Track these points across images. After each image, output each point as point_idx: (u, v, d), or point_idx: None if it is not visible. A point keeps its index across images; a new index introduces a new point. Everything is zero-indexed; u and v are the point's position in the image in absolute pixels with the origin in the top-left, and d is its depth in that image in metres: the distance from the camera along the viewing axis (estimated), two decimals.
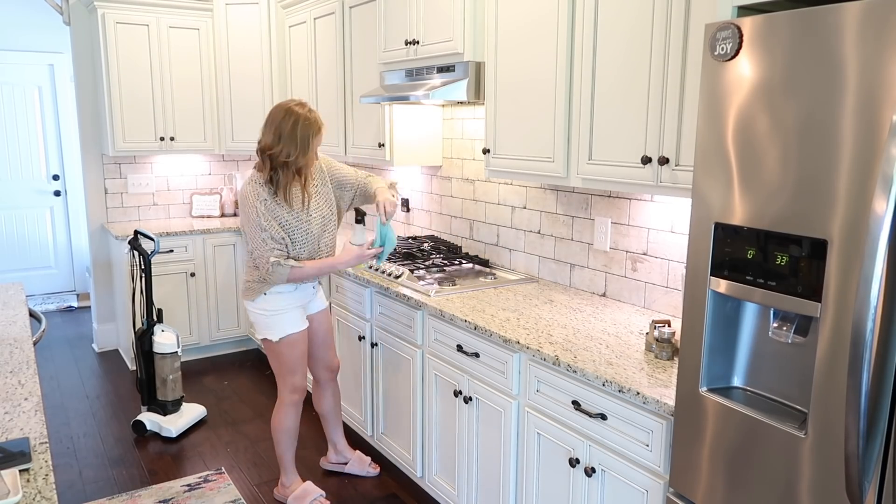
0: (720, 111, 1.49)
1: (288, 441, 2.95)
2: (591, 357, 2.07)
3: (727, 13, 1.49)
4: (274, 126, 2.54)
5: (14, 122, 6.08)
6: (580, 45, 2.33)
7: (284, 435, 2.93)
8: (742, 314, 1.56)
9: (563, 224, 2.98)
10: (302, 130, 2.54)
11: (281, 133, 2.53)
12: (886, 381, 1.23)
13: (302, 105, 2.60)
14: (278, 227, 2.61)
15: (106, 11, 4.39)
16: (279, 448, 2.96)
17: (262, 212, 2.57)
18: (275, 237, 2.59)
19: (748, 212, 1.45)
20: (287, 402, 2.88)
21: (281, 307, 2.74)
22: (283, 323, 2.75)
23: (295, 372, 2.84)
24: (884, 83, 1.19)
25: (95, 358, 4.89)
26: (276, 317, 2.74)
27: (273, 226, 2.59)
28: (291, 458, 2.99)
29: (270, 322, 2.75)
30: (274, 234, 2.59)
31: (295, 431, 2.95)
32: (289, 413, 2.90)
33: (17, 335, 2.28)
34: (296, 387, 2.87)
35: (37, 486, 1.35)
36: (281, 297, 2.73)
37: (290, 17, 4.54)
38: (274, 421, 2.94)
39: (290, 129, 2.52)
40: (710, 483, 1.59)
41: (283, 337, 2.76)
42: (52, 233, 6.40)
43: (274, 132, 2.54)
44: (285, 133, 2.52)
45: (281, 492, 3.02)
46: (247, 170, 5.33)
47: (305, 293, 2.83)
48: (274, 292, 2.72)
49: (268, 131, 2.56)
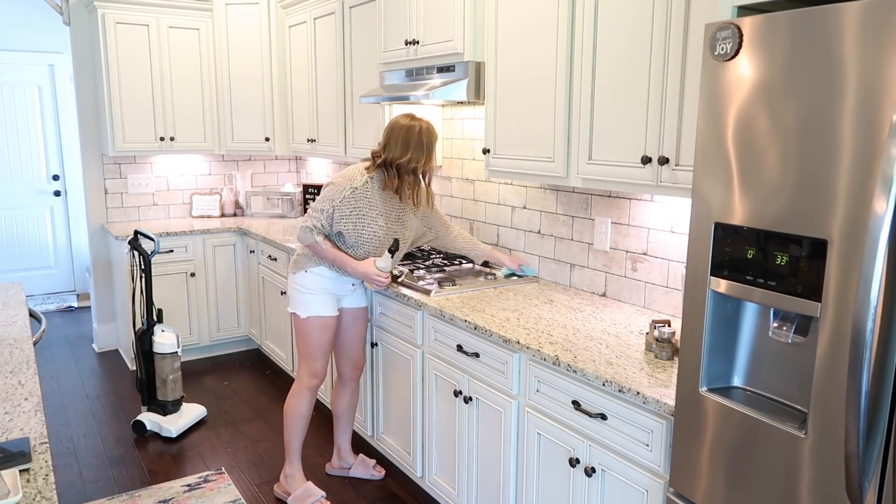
0: (720, 111, 1.49)
1: (299, 427, 2.97)
2: (591, 357, 2.07)
3: (727, 13, 1.49)
4: (401, 139, 2.74)
5: (14, 122, 6.08)
6: (580, 45, 2.33)
7: (296, 419, 2.96)
8: (742, 314, 1.56)
9: (563, 224, 2.98)
10: (426, 139, 2.77)
11: (408, 144, 2.74)
12: (886, 381, 1.23)
13: (415, 117, 2.80)
14: (341, 217, 2.74)
15: (106, 11, 4.39)
16: (288, 433, 2.98)
17: (346, 196, 2.74)
18: (329, 217, 2.75)
19: (748, 212, 1.45)
20: (305, 386, 2.93)
21: (315, 288, 2.85)
22: (313, 303, 2.86)
23: (317, 357, 2.91)
24: (884, 83, 1.19)
25: (95, 358, 4.89)
26: (308, 295, 2.86)
27: (342, 212, 2.73)
28: (299, 446, 3.00)
29: (303, 298, 2.87)
30: (333, 215, 2.75)
31: (306, 418, 2.98)
32: (304, 397, 2.94)
33: (17, 335, 2.28)
34: (315, 372, 2.92)
35: (37, 486, 1.35)
36: (319, 279, 2.84)
37: (290, 17, 4.54)
38: (288, 404, 2.97)
39: (417, 140, 2.74)
40: (710, 483, 1.59)
41: (310, 316, 2.86)
42: (52, 233, 6.40)
43: (401, 145, 2.74)
44: (412, 144, 2.74)
45: (282, 484, 3.03)
46: (247, 170, 5.33)
47: (342, 286, 2.90)
48: (314, 272, 2.84)
49: (394, 145, 2.75)
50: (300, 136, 4.62)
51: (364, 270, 2.76)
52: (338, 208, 2.74)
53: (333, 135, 4.16)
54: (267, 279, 4.42)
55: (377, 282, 2.79)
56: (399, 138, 2.75)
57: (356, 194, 2.74)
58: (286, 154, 5.04)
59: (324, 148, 4.32)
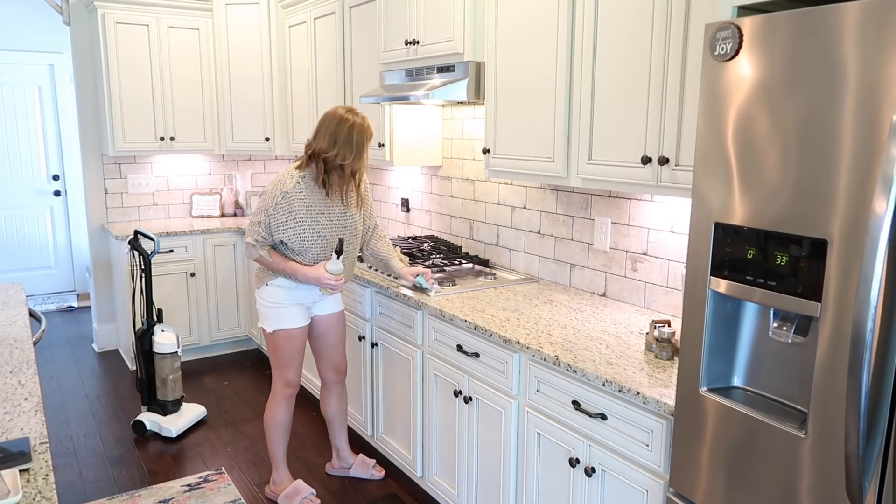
0: (720, 111, 1.49)
1: (279, 436, 2.97)
2: (591, 357, 2.07)
3: (727, 13, 1.49)
4: (329, 132, 2.65)
5: (14, 122, 6.08)
6: (580, 45, 2.33)
7: (276, 429, 2.96)
8: (742, 314, 1.56)
9: (563, 224, 2.98)
10: (357, 136, 2.66)
11: (336, 138, 2.63)
12: (886, 381, 1.23)
13: (353, 112, 2.70)
14: (279, 226, 2.67)
15: (106, 11, 4.39)
16: (270, 442, 2.99)
17: (278, 202, 2.66)
18: (267, 228, 2.69)
19: (748, 212, 1.45)
20: (279, 395, 2.92)
21: (280, 301, 2.80)
22: (279, 316, 2.81)
23: (289, 367, 2.88)
24: (884, 83, 1.19)
25: (95, 358, 4.89)
26: (274, 309, 2.81)
27: (277, 220, 2.66)
28: (282, 453, 3.00)
29: (268, 313, 2.83)
30: (270, 225, 2.68)
31: (286, 427, 2.97)
32: (280, 406, 2.93)
33: (17, 335, 2.28)
34: (289, 381, 2.90)
35: (37, 486, 1.35)
36: (280, 290, 2.79)
37: (290, 17, 4.54)
38: (266, 414, 2.97)
39: (346, 135, 2.64)
40: (710, 483, 1.59)
41: (277, 329, 2.82)
42: (52, 233, 6.40)
43: (329, 137, 2.64)
44: (341, 138, 2.63)
45: (272, 489, 3.03)
46: (247, 170, 5.33)
47: (308, 294, 2.84)
48: (274, 285, 2.79)
49: (322, 136, 2.66)
50: (300, 135, 4.62)
51: (315, 275, 2.69)
52: (273, 217, 2.65)
53: None
54: None
55: (330, 286, 2.72)
56: (328, 130, 2.64)
57: (288, 198, 2.64)
58: (286, 154, 5.04)
59: None
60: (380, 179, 4.39)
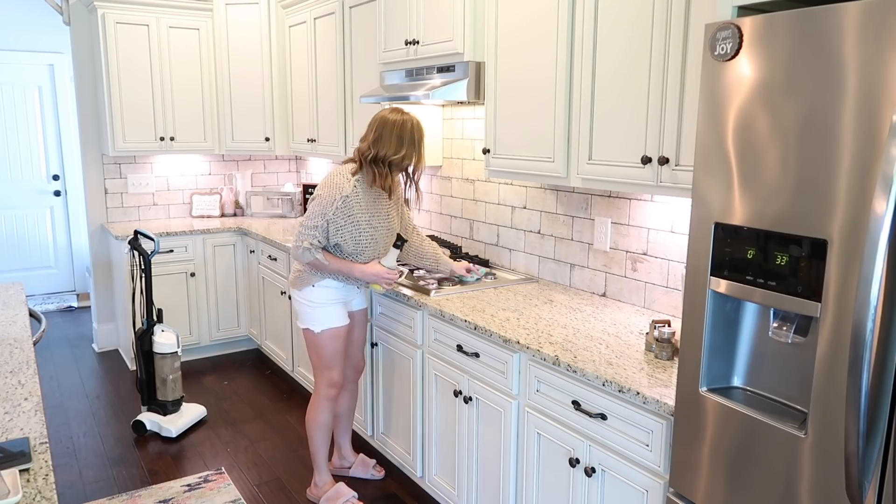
0: (720, 111, 1.49)
1: (322, 437, 2.95)
2: (591, 357, 2.07)
3: (727, 13, 1.49)
4: (394, 135, 2.66)
5: (14, 122, 6.08)
6: (580, 45, 2.33)
7: (319, 430, 2.94)
8: (742, 314, 1.56)
9: (563, 224, 2.98)
10: (418, 135, 2.71)
11: (402, 141, 2.67)
12: (886, 381, 1.23)
13: (404, 112, 2.72)
14: (337, 230, 2.66)
15: (106, 11, 4.39)
16: (313, 444, 2.96)
17: (338, 206, 2.63)
18: (324, 231, 2.67)
19: (748, 212, 1.45)
20: (324, 397, 2.90)
21: (326, 300, 2.80)
22: (326, 315, 2.81)
23: (333, 367, 2.87)
24: (884, 83, 1.19)
25: (95, 358, 4.89)
26: (321, 309, 2.80)
27: (336, 224, 2.65)
28: (325, 455, 2.99)
29: (315, 314, 2.81)
30: (328, 229, 2.66)
31: (329, 427, 2.97)
32: (325, 408, 2.91)
33: (17, 335, 2.28)
34: (333, 381, 2.89)
35: (37, 486, 1.35)
36: (328, 291, 2.79)
37: (290, 17, 4.54)
38: (309, 416, 2.95)
39: (410, 137, 2.68)
40: (710, 483, 1.59)
41: (325, 329, 2.81)
42: (52, 233, 6.40)
43: (395, 141, 2.66)
44: (406, 140, 2.67)
45: (314, 492, 3.02)
46: (247, 170, 5.33)
47: (351, 290, 2.87)
48: (322, 286, 2.78)
49: (387, 141, 2.66)
50: (300, 135, 4.62)
51: (373, 272, 2.70)
52: (332, 221, 2.65)
53: (333, 135, 4.16)
54: (267, 279, 4.42)
55: (388, 279, 2.72)
56: (393, 134, 2.66)
57: (348, 203, 2.64)
58: (286, 154, 5.05)
59: (324, 148, 4.31)
60: None
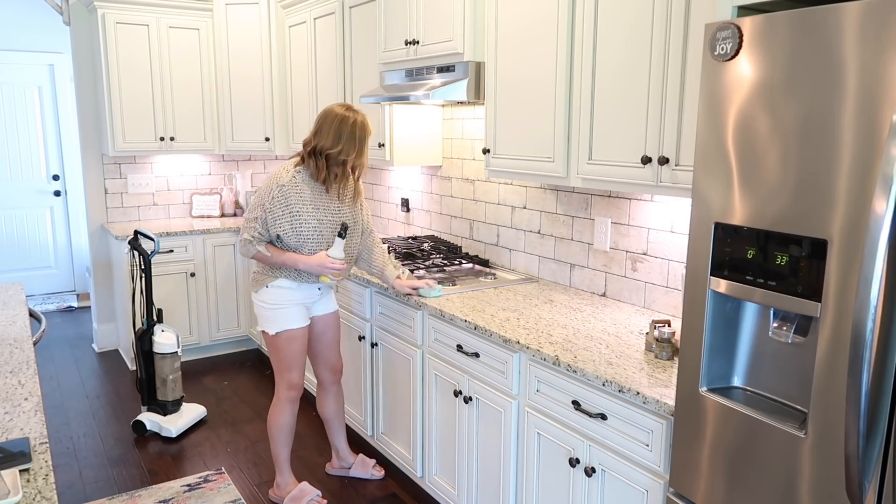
0: (720, 111, 1.49)
1: (283, 439, 2.95)
2: (591, 357, 2.07)
3: (727, 13, 1.49)
4: (332, 129, 2.69)
5: (14, 122, 6.08)
6: (580, 45, 2.33)
7: (280, 432, 2.94)
8: (742, 314, 1.56)
9: (563, 224, 2.98)
10: (360, 132, 2.72)
11: (340, 135, 2.68)
12: (886, 381, 1.23)
13: (352, 109, 2.74)
14: (275, 220, 2.68)
15: (106, 11, 4.39)
16: (275, 446, 2.97)
17: (275, 195, 2.67)
18: (263, 223, 2.70)
19: (748, 212, 1.45)
20: (283, 399, 2.91)
21: (281, 302, 2.79)
22: (281, 317, 2.80)
23: (292, 369, 2.87)
24: (884, 83, 1.19)
25: (95, 358, 4.89)
26: (275, 311, 2.80)
27: (273, 214, 2.67)
28: (287, 456, 2.99)
29: (270, 315, 2.81)
30: (266, 220, 2.69)
31: (290, 429, 2.96)
32: (284, 409, 2.92)
33: (17, 335, 2.28)
34: (292, 384, 2.89)
35: (37, 486, 1.35)
36: (282, 291, 2.78)
37: (290, 17, 4.54)
38: (270, 418, 2.96)
39: (349, 132, 2.69)
40: (710, 483, 1.59)
41: (280, 331, 2.81)
42: (52, 233, 6.40)
43: (332, 134, 2.68)
44: (344, 135, 2.68)
45: (276, 493, 3.02)
46: (247, 170, 5.33)
47: (308, 293, 2.85)
48: (275, 286, 2.77)
49: (325, 133, 2.69)
50: (300, 135, 4.61)
51: (317, 262, 2.69)
52: (269, 211, 2.67)
53: None
54: None
55: (334, 269, 2.70)
56: (332, 128, 2.68)
57: (284, 192, 2.66)
58: (286, 154, 5.03)
59: None
60: (380, 179, 4.39)
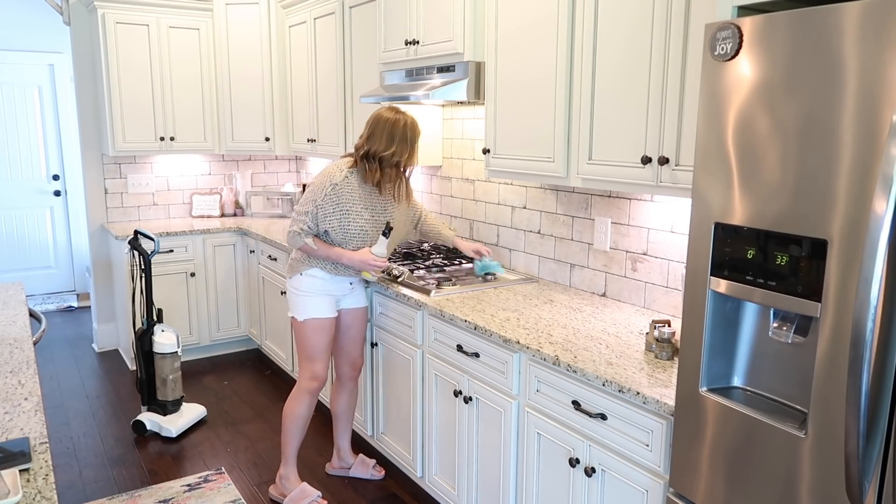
0: (720, 111, 1.49)
1: (297, 429, 2.96)
2: (591, 357, 2.07)
3: (727, 13, 1.49)
4: (386, 132, 2.74)
5: (14, 122, 6.08)
6: (580, 46, 2.33)
7: (295, 422, 2.95)
8: (742, 314, 1.56)
9: (563, 224, 2.98)
10: (411, 134, 2.78)
11: (393, 137, 2.74)
12: (886, 381, 1.23)
13: (401, 111, 2.80)
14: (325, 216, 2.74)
15: (106, 11, 4.39)
16: (286, 435, 2.97)
17: (327, 193, 2.73)
18: (314, 217, 2.75)
19: (748, 212, 1.45)
20: (304, 388, 2.93)
21: (312, 290, 2.85)
22: (310, 305, 2.86)
23: (315, 359, 2.90)
24: (884, 83, 1.19)
25: (95, 358, 4.89)
26: (305, 298, 2.86)
27: (324, 210, 2.74)
28: (295, 448, 2.99)
29: (300, 301, 2.87)
30: (318, 215, 2.75)
31: (306, 421, 2.97)
32: (303, 400, 2.93)
33: (17, 335, 2.28)
34: (315, 374, 2.91)
35: (37, 486, 1.35)
36: (314, 280, 2.84)
37: (290, 17, 4.54)
38: (287, 406, 2.96)
39: (402, 134, 2.75)
40: (710, 483, 1.59)
41: (308, 318, 2.86)
42: (52, 233, 6.40)
43: (386, 137, 2.74)
44: (397, 137, 2.74)
45: (277, 488, 3.02)
46: (247, 170, 5.33)
47: (339, 286, 2.90)
48: (308, 275, 2.84)
49: (378, 137, 2.75)
50: (300, 135, 4.62)
51: (360, 258, 2.77)
52: (321, 207, 2.74)
53: (333, 135, 4.16)
54: (267, 279, 4.42)
55: (375, 266, 2.79)
56: (384, 131, 2.74)
57: (337, 190, 2.73)
58: (286, 154, 5.04)
59: (324, 148, 4.31)
60: None
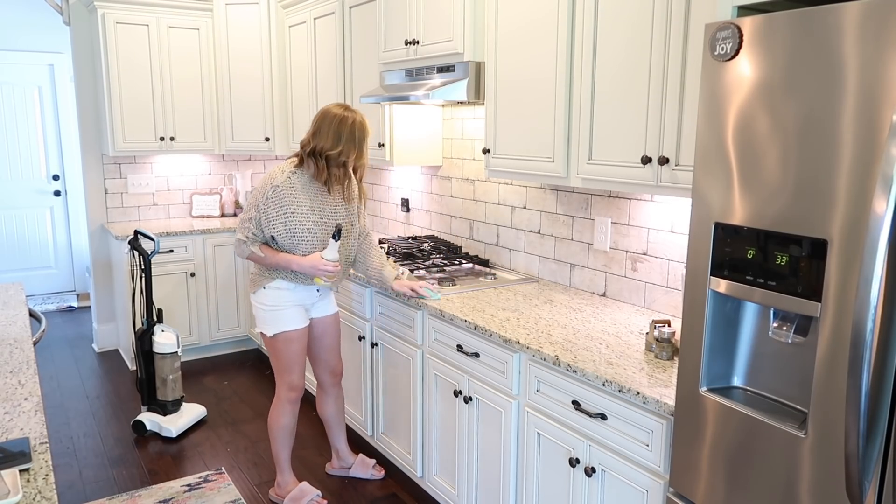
0: (720, 111, 1.49)
1: (284, 439, 2.95)
2: (591, 357, 2.07)
3: (727, 13, 1.49)
4: (332, 130, 2.67)
5: (14, 122, 6.08)
6: (580, 45, 2.33)
7: (280, 432, 2.94)
8: (742, 314, 1.56)
9: (563, 224, 2.98)
10: (359, 133, 2.71)
11: (339, 136, 2.66)
12: (886, 381, 1.23)
13: (350, 109, 2.73)
14: (269, 221, 2.67)
15: (106, 11, 4.39)
16: (275, 446, 2.97)
17: (269, 196, 2.66)
18: (258, 224, 2.70)
19: (748, 212, 1.45)
20: (284, 400, 2.91)
21: (279, 303, 2.78)
22: (279, 319, 2.79)
23: (291, 371, 2.86)
24: (884, 83, 1.19)
25: (95, 358, 4.89)
26: (273, 312, 2.79)
27: (267, 215, 2.67)
28: (287, 456, 2.99)
29: (267, 317, 2.80)
30: (261, 220, 2.69)
31: (291, 430, 2.96)
32: (285, 410, 2.91)
33: (17, 335, 2.28)
34: (293, 385, 2.89)
35: (37, 486, 1.35)
36: (279, 293, 2.77)
37: (290, 17, 4.54)
38: (271, 418, 2.96)
39: (349, 132, 2.68)
40: (710, 483, 1.59)
41: (278, 333, 2.80)
42: (52, 233, 6.40)
43: (332, 135, 2.66)
44: (344, 136, 2.67)
45: (277, 492, 3.02)
46: (247, 170, 5.33)
47: (307, 295, 2.84)
48: (272, 288, 2.77)
49: (324, 134, 2.67)
50: (300, 135, 4.59)
51: (311, 263, 2.66)
52: (263, 212, 2.65)
53: None
54: None
55: (326, 272, 2.67)
56: (331, 128, 2.66)
57: (278, 193, 2.64)
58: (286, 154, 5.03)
59: None
60: (380, 179, 4.39)
